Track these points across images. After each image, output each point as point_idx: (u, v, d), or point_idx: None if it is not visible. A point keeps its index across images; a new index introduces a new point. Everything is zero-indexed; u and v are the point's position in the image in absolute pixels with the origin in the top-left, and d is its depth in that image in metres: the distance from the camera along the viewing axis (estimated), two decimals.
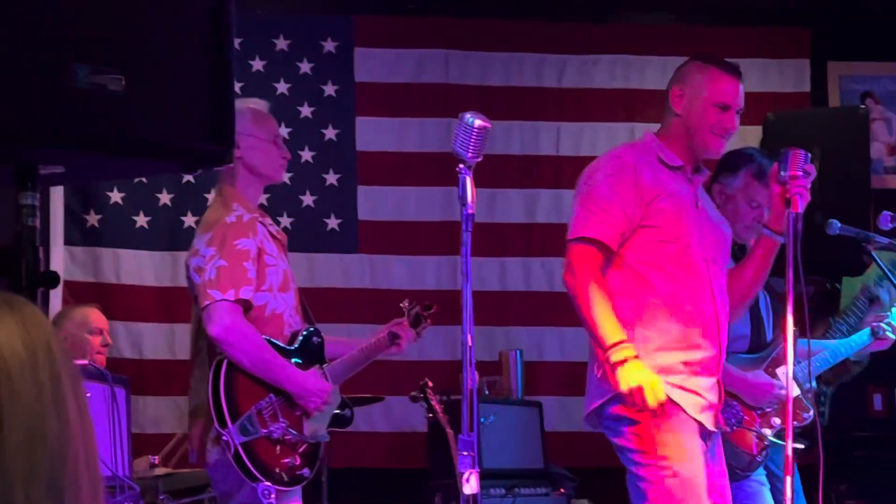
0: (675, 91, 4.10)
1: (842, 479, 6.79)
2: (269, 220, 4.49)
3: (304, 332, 4.39)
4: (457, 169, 3.41)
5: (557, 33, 7.50)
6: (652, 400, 3.74)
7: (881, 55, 7.64)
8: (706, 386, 3.96)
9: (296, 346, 4.35)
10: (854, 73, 7.64)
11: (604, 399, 3.91)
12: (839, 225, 5.43)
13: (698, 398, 3.92)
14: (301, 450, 4.25)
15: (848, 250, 6.16)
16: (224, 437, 4.09)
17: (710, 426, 3.96)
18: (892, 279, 5.48)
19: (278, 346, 4.29)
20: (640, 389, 3.74)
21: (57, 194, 6.85)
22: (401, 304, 4.93)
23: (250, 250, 4.23)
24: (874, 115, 7.51)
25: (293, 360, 4.32)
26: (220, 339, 4.15)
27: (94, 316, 6.14)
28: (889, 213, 4.99)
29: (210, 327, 4.15)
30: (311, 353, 4.41)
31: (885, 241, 5.40)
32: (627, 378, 3.76)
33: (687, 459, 3.85)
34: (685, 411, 3.88)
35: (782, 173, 3.97)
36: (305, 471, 4.24)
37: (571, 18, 7.54)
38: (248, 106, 4.53)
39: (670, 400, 3.85)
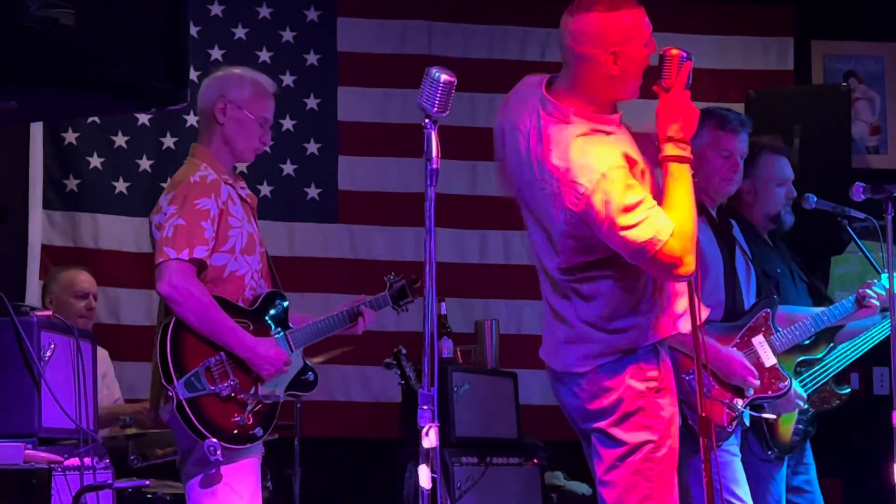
0: (608, 57, 3.60)
1: (817, 458, 6.80)
2: (241, 184, 4.46)
3: (267, 295, 4.36)
4: (422, 124, 3.40)
5: (541, 6, 7.44)
6: None
7: (865, 35, 7.64)
8: None
9: (256, 308, 4.32)
10: (838, 52, 7.64)
11: (605, 360, 3.68)
12: (815, 199, 5.42)
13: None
14: (255, 408, 4.21)
15: (825, 228, 6.16)
16: (169, 393, 4.08)
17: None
18: (870, 258, 5.47)
19: (236, 306, 4.26)
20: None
21: (36, 159, 6.85)
22: (385, 277, 4.90)
23: (210, 210, 4.20)
24: (857, 94, 7.51)
25: (253, 321, 4.27)
26: (168, 296, 4.14)
27: (82, 278, 6.15)
28: (862, 184, 4.97)
29: (159, 285, 4.15)
30: (273, 316, 4.36)
31: (862, 215, 5.37)
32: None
33: (678, 431, 3.72)
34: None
35: (667, 80, 3.64)
36: (258, 430, 4.19)
37: None
38: (254, 78, 4.49)
39: (667, 360, 3.71)
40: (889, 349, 4.72)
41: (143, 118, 6.94)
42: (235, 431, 4.15)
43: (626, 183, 3.53)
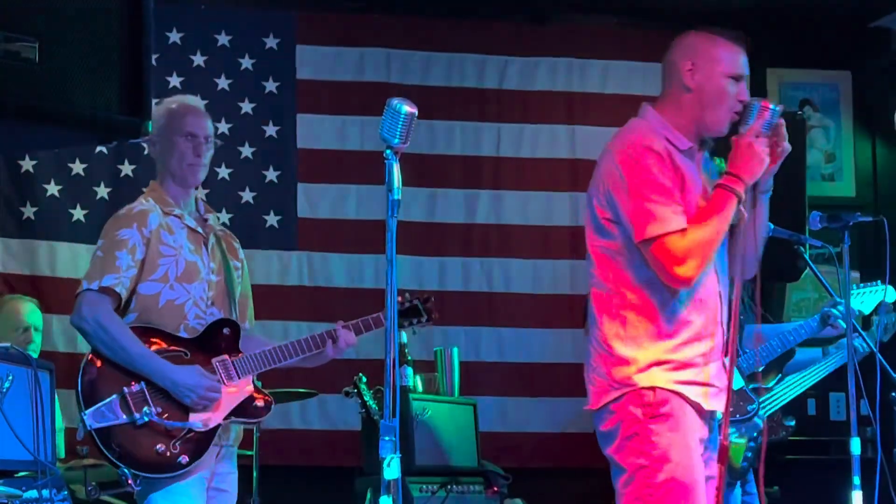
0: (686, 65, 3.89)
1: (774, 482, 6.83)
2: (202, 215, 4.46)
3: (213, 323, 4.33)
4: (382, 153, 3.41)
5: (499, 34, 7.53)
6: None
7: (820, 63, 7.72)
8: (715, 373, 3.84)
9: (199, 336, 4.28)
10: (793, 80, 7.72)
11: (610, 397, 3.76)
12: (773, 227, 5.45)
13: (710, 388, 3.81)
14: (183, 435, 4.17)
15: (782, 255, 6.21)
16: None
17: (721, 409, 3.82)
18: (826, 284, 5.51)
19: (170, 335, 4.24)
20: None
21: None
22: (399, 298, 4.79)
23: (128, 240, 4.26)
24: (812, 122, 7.58)
25: (193, 349, 4.25)
26: (78, 328, 4.21)
27: (23, 310, 6.10)
28: (819, 212, 5.01)
29: (71, 317, 4.22)
30: (218, 343, 4.33)
31: (819, 243, 5.42)
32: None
33: (688, 461, 3.71)
34: (695, 408, 3.77)
35: (746, 127, 3.82)
36: (183, 458, 4.14)
37: (513, 20, 7.57)
38: (169, 107, 4.47)
39: (679, 397, 3.73)
40: (846, 375, 4.75)
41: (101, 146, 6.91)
42: (154, 460, 4.11)
43: (660, 168, 3.75)
